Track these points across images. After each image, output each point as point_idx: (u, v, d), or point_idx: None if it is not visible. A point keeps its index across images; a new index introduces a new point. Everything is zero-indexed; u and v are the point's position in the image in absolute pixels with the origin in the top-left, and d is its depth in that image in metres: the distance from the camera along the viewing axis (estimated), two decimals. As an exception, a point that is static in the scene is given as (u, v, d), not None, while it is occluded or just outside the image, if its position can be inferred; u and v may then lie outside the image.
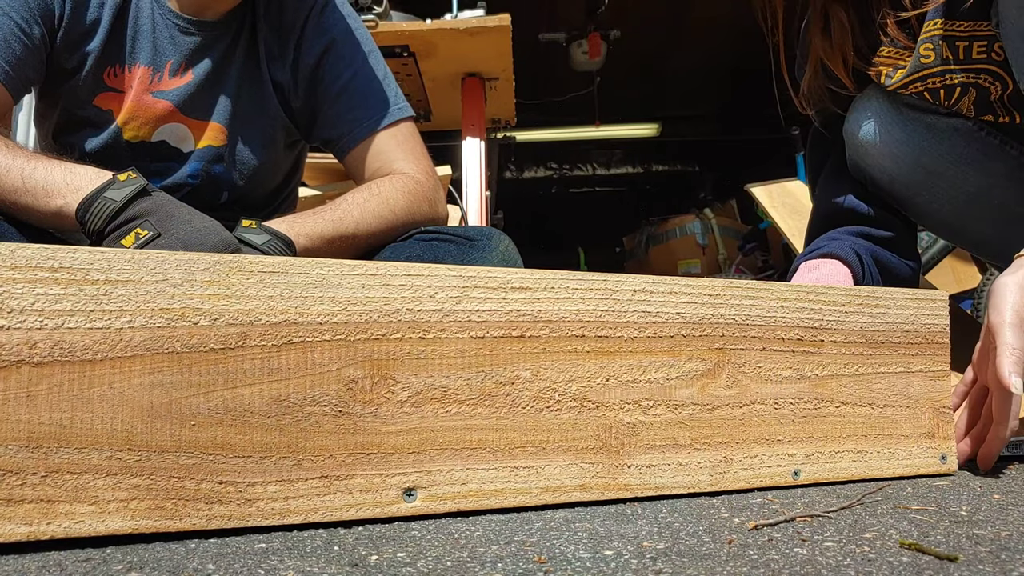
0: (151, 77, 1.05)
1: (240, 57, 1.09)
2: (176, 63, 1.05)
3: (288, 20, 1.10)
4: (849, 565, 0.45)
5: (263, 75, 1.10)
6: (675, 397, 0.69)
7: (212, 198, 1.10)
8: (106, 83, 1.03)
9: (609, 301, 0.68)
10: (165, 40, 1.05)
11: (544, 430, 0.64)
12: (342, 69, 1.10)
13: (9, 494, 0.50)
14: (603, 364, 0.67)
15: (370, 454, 0.58)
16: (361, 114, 1.09)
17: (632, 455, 0.67)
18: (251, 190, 1.13)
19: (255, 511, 0.55)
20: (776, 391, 0.73)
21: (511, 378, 0.63)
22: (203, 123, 1.07)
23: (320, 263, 0.58)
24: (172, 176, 1.06)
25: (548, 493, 0.64)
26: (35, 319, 0.51)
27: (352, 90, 1.09)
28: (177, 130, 1.06)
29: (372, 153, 1.08)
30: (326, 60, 1.09)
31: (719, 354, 0.71)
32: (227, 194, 1.11)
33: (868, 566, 0.45)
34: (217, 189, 1.10)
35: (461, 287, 0.62)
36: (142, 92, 1.04)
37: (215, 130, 1.08)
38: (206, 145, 1.08)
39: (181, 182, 1.06)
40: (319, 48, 1.09)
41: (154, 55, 1.05)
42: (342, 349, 0.58)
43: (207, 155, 1.08)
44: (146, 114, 1.05)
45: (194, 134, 1.07)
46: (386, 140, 1.09)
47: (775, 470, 0.72)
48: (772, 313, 0.74)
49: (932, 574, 0.43)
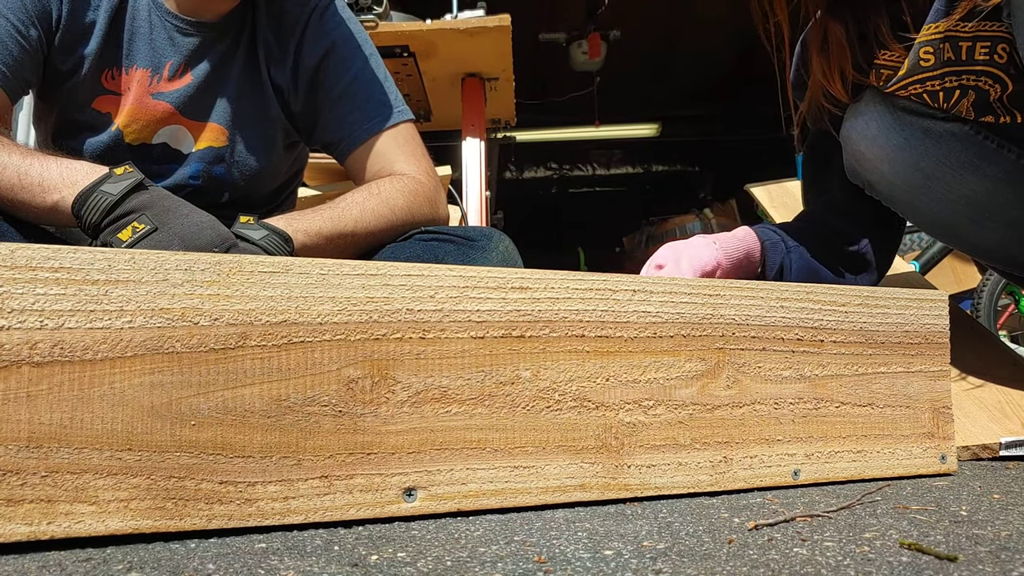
0: (150, 79, 1.04)
1: (240, 59, 1.09)
2: (175, 64, 1.05)
3: (288, 23, 1.10)
4: (849, 565, 0.45)
5: (263, 77, 1.10)
6: (675, 397, 0.69)
7: (213, 198, 1.09)
8: (104, 86, 1.03)
9: (609, 301, 0.68)
10: (163, 41, 1.05)
11: (544, 430, 0.64)
12: (342, 72, 1.10)
13: (10, 494, 0.50)
14: (603, 364, 0.67)
15: (370, 454, 0.59)
16: (361, 116, 1.09)
17: (632, 455, 0.67)
18: (252, 190, 1.13)
19: (255, 511, 0.55)
20: (776, 391, 0.73)
21: (511, 378, 0.63)
22: (203, 124, 1.07)
23: (320, 263, 0.58)
24: (173, 177, 1.06)
25: (548, 493, 0.64)
26: (35, 319, 0.51)
27: (352, 93, 1.09)
28: (177, 132, 1.06)
29: (373, 155, 1.08)
30: (327, 63, 1.09)
31: (719, 354, 0.71)
32: (228, 194, 1.11)
33: (868, 566, 0.45)
34: (218, 190, 1.10)
35: (461, 287, 0.62)
36: (142, 94, 1.04)
37: (215, 131, 1.08)
38: (207, 146, 1.07)
39: (182, 183, 1.06)
40: (319, 51, 1.09)
41: (152, 57, 1.05)
42: (342, 349, 0.58)
43: (208, 156, 1.07)
44: (147, 116, 1.04)
45: (194, 135, 1.07)
46: (387, 142, 1.09)
47: (775, 470, 0.72)
48: (772, 313, 0.74)
49: (932, 574, 0.43)
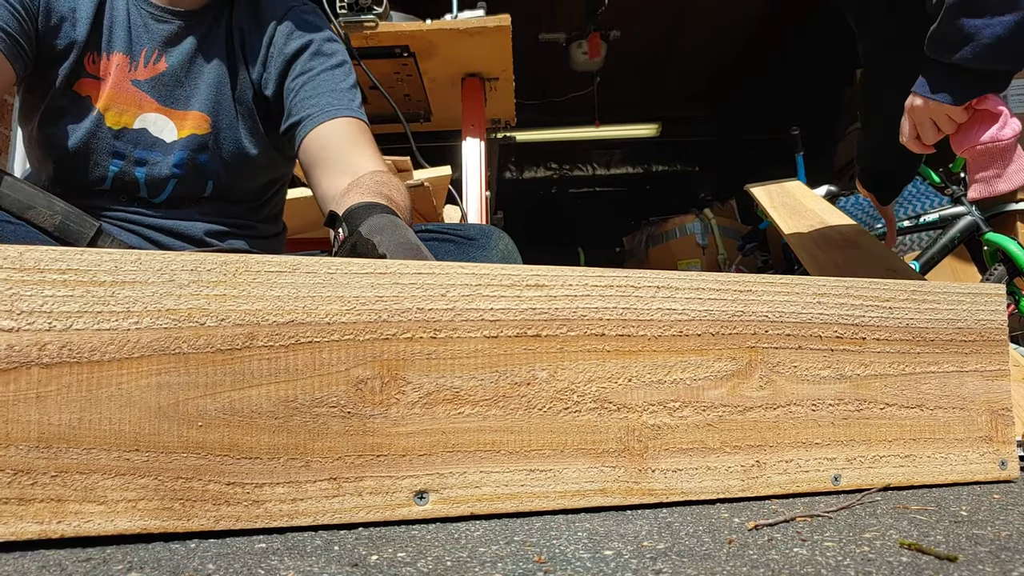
0: (129, 65, 1.06)
1: (217, 48, 1.09)
2: (149, 51, 1.06)
3: (266, 15, 1.11)
4: (849, 565, 0.44)
5: (240, 68, 1.10)
6: (703, 398, 0.66)
7: (197, 189, 1.10)
8: (86, 69, 1.05)
9: (631, 298, 0.65)
10: (140, 28, 1.06)
11: (562, 432, 0.62)
12: (318, 64, 1.09)
13: (21, 493, 0.51)
14: (625, 364, 0.64)
15: (380, 456, 0.57)
16: (332, 100, 1.07)
17: (656, 459, 0.64)
18: (236, 183, 1.13)
19: (263, 512, 0.55)
20: (814, 392, 0.69)
21: (527, 379, 0.61)
22: (184, 112, 1.08)
23: (328, 262, 0.57)
24: (157, 166, 1.07)
25: (567, 497, 0.61)
26: (44, 320, 0.51)
27: (325, 81, 1.09)
28: (156, 119, 1.07)
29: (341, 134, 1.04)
30: (301, 56, 1.09)
31: (751, 353, 0.68)
32: (212, 184, 1.11)
33: (868, 566, 0.44)
34: (202, 179, 1.10)
35: (473, 285, 0.61)
36: (121, 79, 1.05)
37: (197, 119, 1.08)
38: (190, 134, 1.08)
39: (167, 173, 1.07)
40: (297, 44, 1.09)
41: (129, 43, 1.06)
42: (351, 349, 0.57)
43: (192, 144, 1.08)
44: (125, 101, 1.06)
45: (176, 123, 1.08)
46: (353, 128, 1.06)
47: (813, 475, 0.69)
48: (808, 310, 0.70)
49: (932, 574, 0.42)
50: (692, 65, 5.33)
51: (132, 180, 1.05)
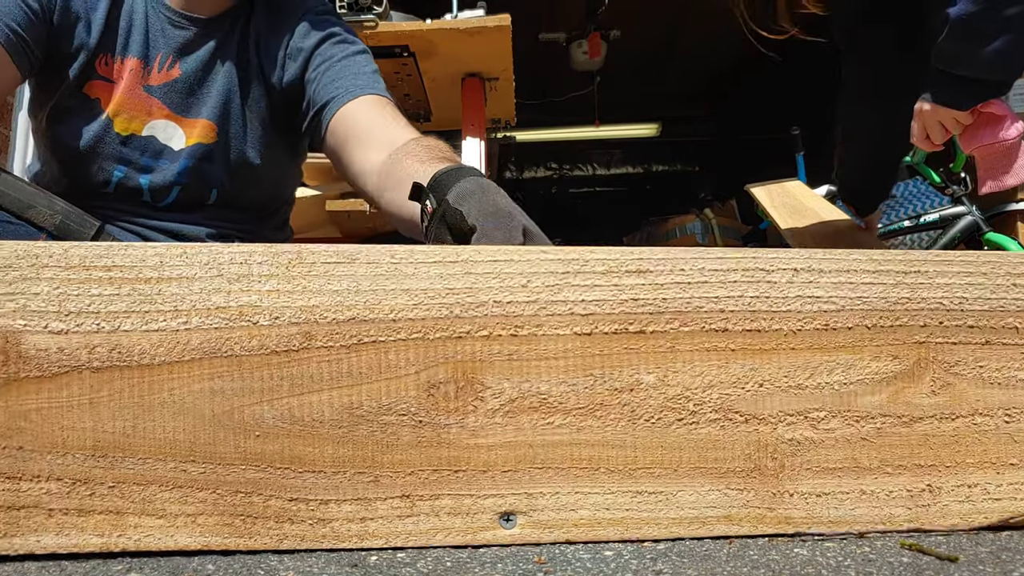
0: (142, 71, 1.04)
1: (232, 55, 1.06)
2: (164, 57, 1.04)
3: (283, 21, 1.07)
4: (849, 566, 0.44)
5: (256, 75, 1.07)
6: (856, 407, 0.53)
7: (201, 196, 1.08)
8: (97, 71, 1.04)
9: (761, 284, 0.54)
10: (157, 33, 1.04)
11: (675, 448, 0.52)
12: (339, 52, 1.05)
13: (80, 504, 0.48)
14: (754, 366, 0.53)
15: (458, 471, 0.50)
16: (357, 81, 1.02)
17: (795, 480, 0.52)
18: (242, 191, 1.10)
19: (329, 532, 0.49)
20: (1006, 398, 0.55)
21: (629, 383, 0.52)
22: (193, 120, 1.06)
23: (391, 250, 0.50)
24: (162, 173, 1.05)
25: (682, 525, 0.51)
26: (92, 322, 0.48)
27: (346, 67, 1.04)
28: (166, 127, 1.05)
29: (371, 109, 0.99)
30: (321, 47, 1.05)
31: (920, 350, 0.54)
32: (216, 192, 1.08)
33: (868, 566, 0.44)
34: (206, 187, 1.07)
35: (561, 272, 0.52)
36: (134, 84, 1.03)
37: (205, 127, 1.05)
38: (196, 142, 1.05)
39: (171, 180, 1.05)
40: (314, 40, 1.05)
41: (145, 48, 1.04)
42: (420, 349, 0.50)
43: (197, 152, 1.05)
44: (136, 107, 1.04)
45: (184, 131, 1.05)
46: (383, 103, 1.01)
47: (1007, 504, 0.54)
48: (999, 295, 0.55)
49: (932, 574, 0.42)
50: (692, 65, 5.36)
51: (136, 186, 1.05)
